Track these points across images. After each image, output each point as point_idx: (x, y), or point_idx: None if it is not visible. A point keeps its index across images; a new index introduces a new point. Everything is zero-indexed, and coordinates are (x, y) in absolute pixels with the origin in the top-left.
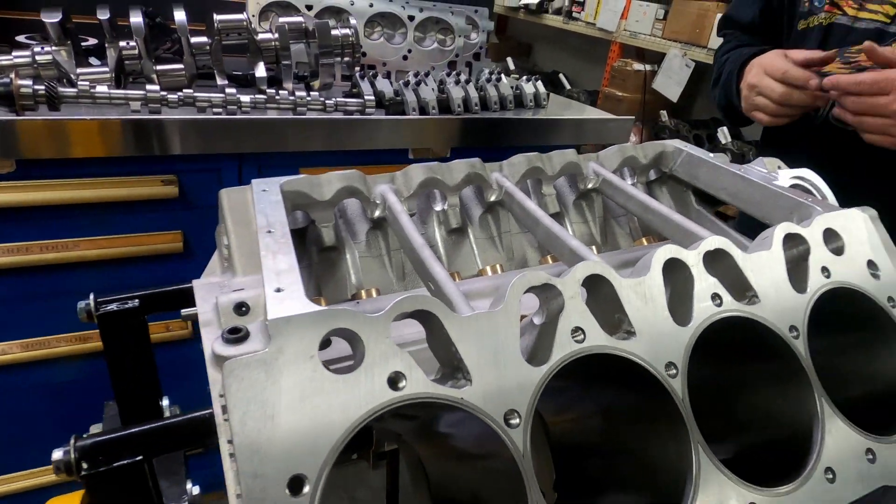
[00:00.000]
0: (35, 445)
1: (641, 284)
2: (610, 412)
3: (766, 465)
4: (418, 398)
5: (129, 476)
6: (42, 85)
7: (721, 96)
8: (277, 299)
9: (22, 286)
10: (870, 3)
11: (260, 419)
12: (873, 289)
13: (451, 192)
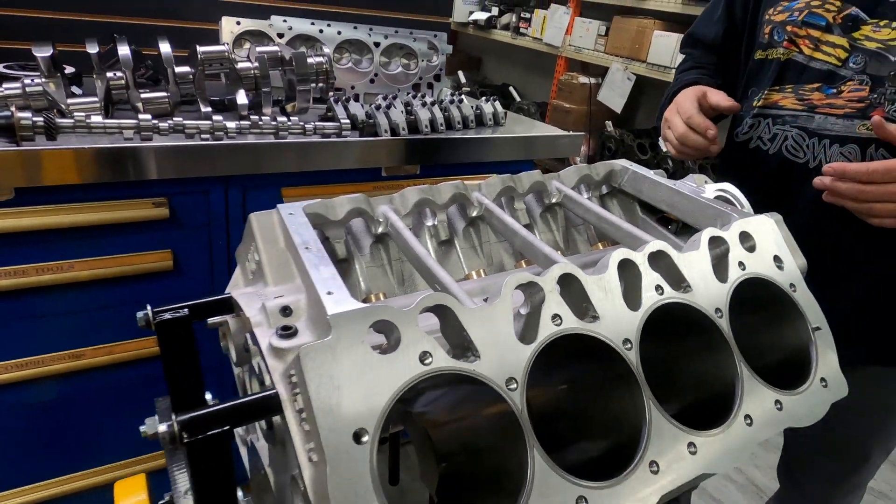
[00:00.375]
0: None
1: (602, 280)
2: (581, 380)
3: (701, 416)
4: (442, 371)
5: (217, 443)
6: (41, 117)
7: (658, 116)
8: (332, 300)
9: (19, 308)
10: (824, 46)
11: (329, 389)
12: (779, 277)
13: (440, 210)
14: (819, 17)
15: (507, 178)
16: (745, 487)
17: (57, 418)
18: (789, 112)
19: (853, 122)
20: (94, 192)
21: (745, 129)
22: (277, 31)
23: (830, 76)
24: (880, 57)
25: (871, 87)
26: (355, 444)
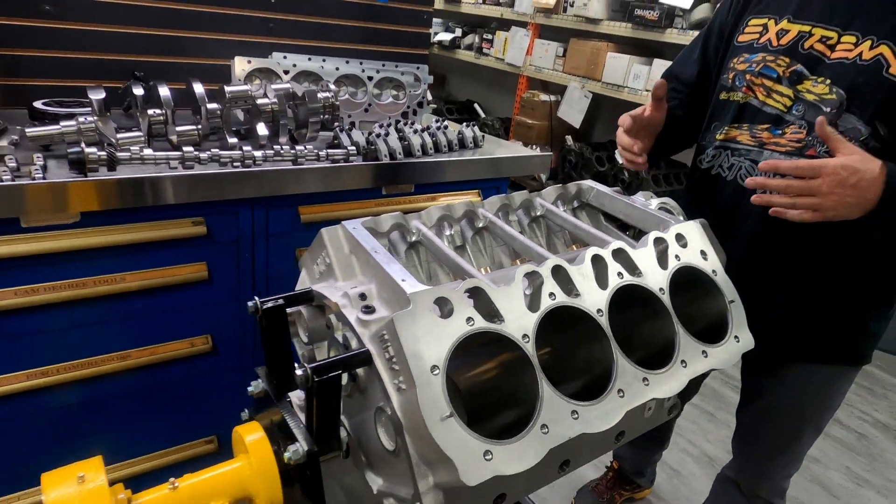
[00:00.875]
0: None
1: (581, 269)
2: (570, 336)
3: (651, 362)
4: (481, 329)
5: (334, 382)
6: (104, 151)
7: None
8: (407, 284)
9: (77, 316)
10: (774, 94)
11: (413, 340)
12: (704, 266)
13: (455, 222)
14: (772, 69)
15: (503, 196)
16: (699, 459)
17: (107, 412)
18: (744, 146)
19: (792, 159)
20: (144, 213)
21: (709, 157)
22: (283, 69)
23: (778, 120)
24: (816, 107)
25: (807, 131)
26: (432, 375)
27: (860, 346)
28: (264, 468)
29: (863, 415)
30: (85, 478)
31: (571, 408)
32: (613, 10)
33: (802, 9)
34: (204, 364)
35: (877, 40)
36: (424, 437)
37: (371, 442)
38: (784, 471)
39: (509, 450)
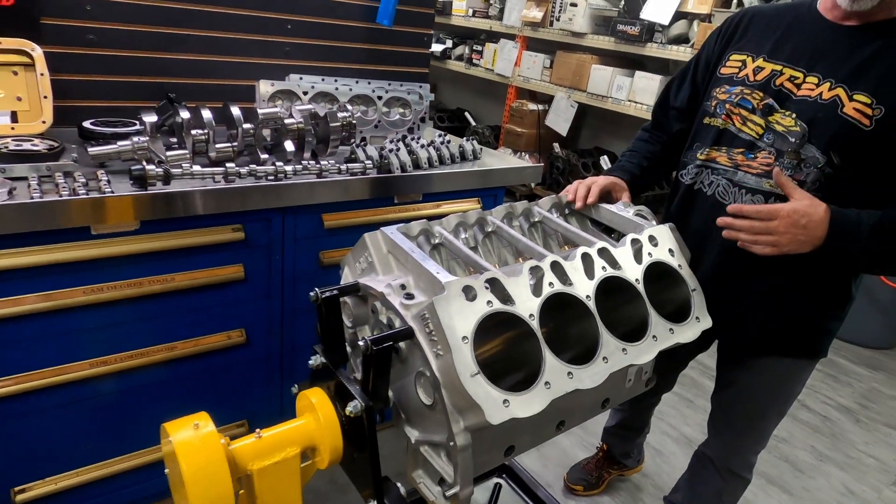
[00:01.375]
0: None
1: (573, 264)
2: (565, 316)
3: (629, 336)
4: (498, 310)
5: (386, 352)
6: (161, 168)
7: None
8: (441, 276)
9: (135, 312)
10: (749, 123)
11: (448, 316)
12: (671, 261)
13: (469, 228)
14: (748, 101)
15: (507, 206)
16: (679, 440)
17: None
18: (722, 167)
19: (761, 180)
20: (192, 221)
21: (692, 174)
22: (303, 90)
23: (751, 145)
24: (783, 137)
25: (775, 156)
26: (463, 343)
27: (818, 343)
28: (328, 422)
29: (827, 399)
30: (199, 425)
31: (567, 370)
32: (597, 25)
33: (775, 50)
34: (238, 355)
35: (834, 83)
36: (458, 389)
37: (410, 401)
38: (752, 448)
39: (521, 399)
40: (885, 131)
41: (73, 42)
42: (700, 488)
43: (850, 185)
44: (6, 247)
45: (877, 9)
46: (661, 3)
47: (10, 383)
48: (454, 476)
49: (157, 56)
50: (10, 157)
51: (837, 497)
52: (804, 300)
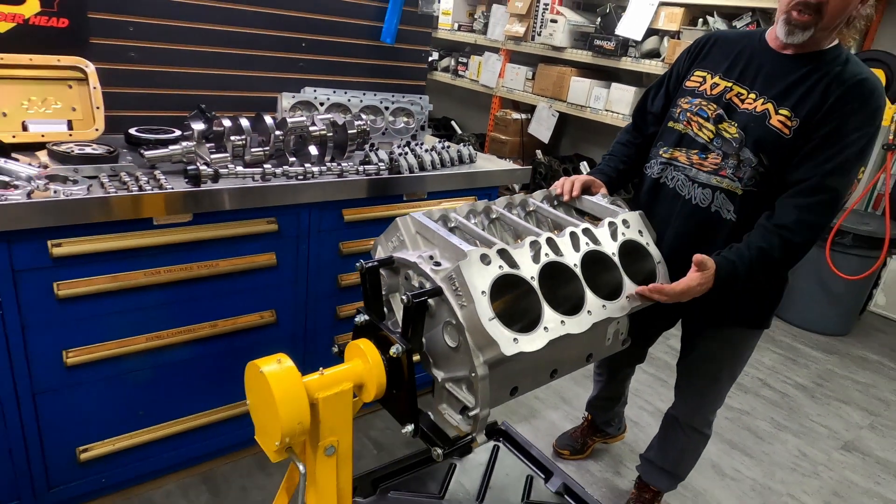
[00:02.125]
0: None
1: (563, 240)
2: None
3: (609, 296)
4: (507, 272)
5: (422, 304)
6: (212, 168)
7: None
8: (464, 246)
9: (184, 292)
10: (704, 129)
11: (470, 277)
12: (640, 240)
13: (477, 215)
14: (704, 111)
15: (508, 197)
16: (654, 413)
17: (203, 368)
18: (682, 164)
19: (710, 177)
20: (234, 214)
21: (657, 170)
22: (319, 101)
23: (704, 148)
24: (729, 142)
25: (722, 158)
26: (482, 296)
27: (762, 315)
28: (375, 362)
29: (787, 379)
30: (281, 360)
31: (560, 318)
32: (576, 40)
33: (729, 70)
34: (268, 333)
35: (767, 99)
36: (479, 330)
37: (438, 347)
38: (710, 406)
39: (527, 338)
40: (800, 138)
41: (117, 59)
42: (669, 444)
43: (777, 181)
44: (84, 234)
45: (808, 42)
46: (635, 21)
47: (79, 353)
48: (475, 401)
49: (189, 71)
50: (79, 159)
51: (792, 459)
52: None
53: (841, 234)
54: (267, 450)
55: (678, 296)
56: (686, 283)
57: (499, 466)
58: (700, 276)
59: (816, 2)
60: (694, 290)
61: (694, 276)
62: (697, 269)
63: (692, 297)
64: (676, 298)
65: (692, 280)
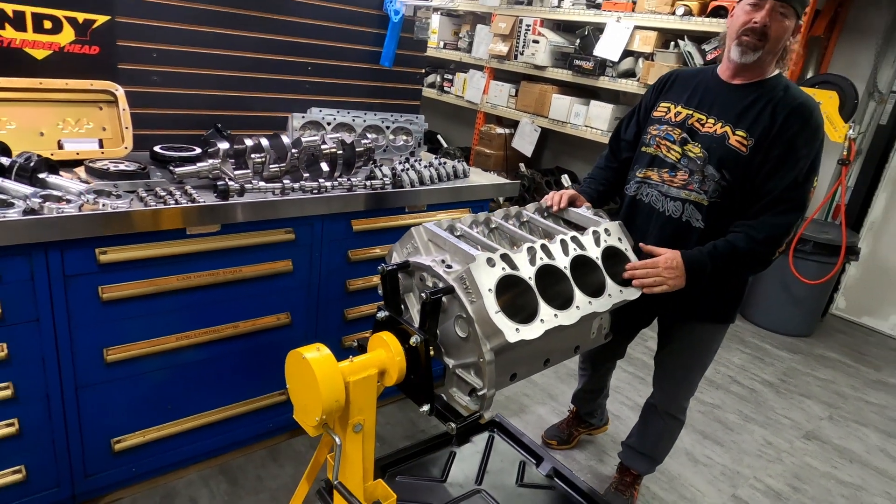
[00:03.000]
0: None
1: (555, 246)
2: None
3: (593, 293)
4: (509, 273)
5: (437, 301)
6: (238, 183)
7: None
8: (473, 251)
9: (210, 296)
10: (672, 151)
11: (479, 275)
12: (620, 246)
13: (479, 225)
14: (671, 135)
15: (504, 209)
16: (634, 408)
17: (224, 366)
18: (655, 182)
19: (680, 191)
20: (256, 225)
21: (634, 188)
22: (327, 121)
23: (673, 167)
24: (694, 161)
25: (689, 174)
26: (489, 292)
27: (726, 312)
28: (397, 351)
29: (754, 376)
30: (320, 349)
31: (553, 312)
32: (556, 59)
33: (689, 100)
34: (283, 334)
35: (724, 123)
36: (487, 321)
37: (449, 338)
38: (684, 394)
39: (527, 328)
40: (756, 155)
41: (141, 82)
42: (648, 430)
43: (736, 193)
44: (127, 243)
45: (755, 70)
46: (611, 42)
47: (118, 351)
48: (482, 383)
49: (206, 93)
50: (116, 175)
51: (758, 447)
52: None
53: (802, 241)
54: (306, 426)
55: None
56: (664, 256)
57: (494, 454)
58: (673, 252)
59: (762, 28)
60: (670, 261)
61: (666, 252)
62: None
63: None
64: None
65: (666, 254)
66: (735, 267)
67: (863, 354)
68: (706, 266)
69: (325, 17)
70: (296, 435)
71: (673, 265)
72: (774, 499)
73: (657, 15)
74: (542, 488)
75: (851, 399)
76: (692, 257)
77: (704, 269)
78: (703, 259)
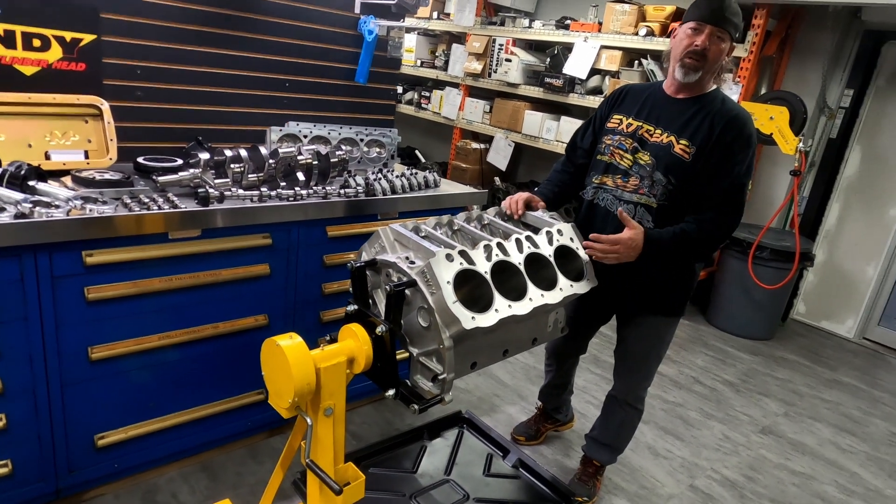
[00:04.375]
0: (191, 390)
1: (510, 244)
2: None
3: (546, 287)
4: (467, 267)
5: (401, 293)
6: (218, 191)
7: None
8: (433, 248)
9: (193, 298)
10: (624, 159)
11: (439, 270)
12: (571, 245)
13: (443, 227)
14: (623, 145)
15: (466, 213)
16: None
17: (204, 365)
18: (609, 187)
19: (632, 195)
20: (236, 230)
21: (591, 193)
22: (303, 134)
23: (625, 173)
24: (644, 167)
25: (640, 180)
26: (447, 285)
27: (677, 305)
28: (364, 340)
29: (716, 377)
30: (293, 337)
31: (508, 303)
32: (528, 77)
33: (639, 112)
34: (261, 335)
35: (669, 133)
36: (446, 310)
37: (412, 328)
38: (642, 384)
39: (482, 316)
40: (697, 162)
41: (126, 97)
42: (609, 421)
43: (682, 196)
44: (112, 246)
45: (695, 87)
46: (580, 62)
47: (102, 350)
48: (443, 368)
49: (187, 107)
50: (102, 183)
51: (717, 441)
52: (665, 278)
53: (761, 248)
54: (280, 408)
55: (612, 242)
56: (619, 235)
57: (463, 447)
58: (632, 232)
59: (702, 50)
60: (625, 241)
61: (627, 231)
62: (628, 227)
63: (623, 252)
64: (610, 246)
65: (625, 233)
66: (687, 251)
67: (819, 356)
68: (662, 244)
69: (303, 37)
70: (274, 434)
71: (633, 244)
72: (730, 488)
73: (622, 35)
74: (507, 478)
75: (807, 397)
76: (653, 235)
77: (662, 245)
78: (665, 237)
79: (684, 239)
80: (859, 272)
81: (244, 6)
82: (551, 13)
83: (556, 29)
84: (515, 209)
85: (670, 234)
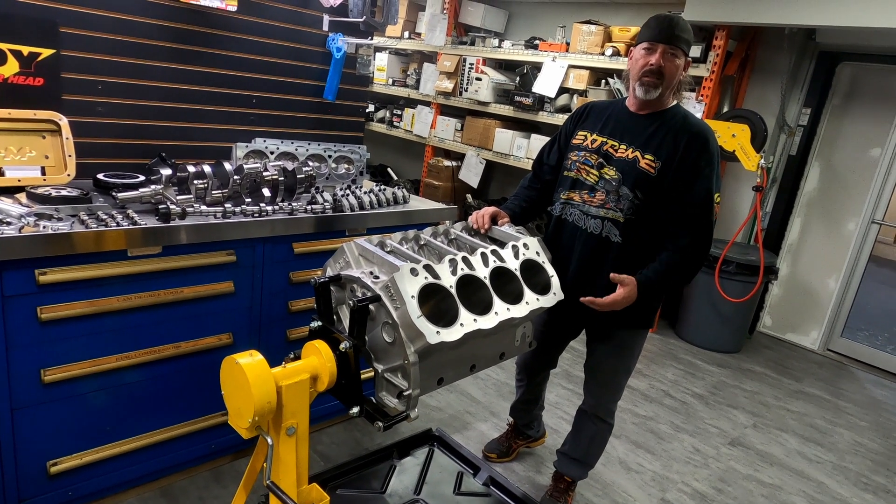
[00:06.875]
0: (154, 413)
1: (476, 259)
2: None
3: (512, 301)
4: (432, 282)
5: (364, 308)
6: (180, 207)
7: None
8: (397, 263)
9: (154, 317)
10: (590, 174)
11: (403, 284)
12: (537, 259)
13: (409, 241)
14: (589, 161)
15: (433, 228)
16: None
17: (165, 386)
18: (576, 203)
19: (599, 210)
20: (198, 247)
21: (559, 209)
22: (270, 150)
23: (592, 188)
24: (609, 182)
25: (606, 195)
26: (412, 299)
27: (645, 318)
28: (328, 357)
29: (686, 390)
30: (252, 354)
31: (473, 317)
32: (498, 96)
33: (603, 129)
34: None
35: (634, 148)
36: (410, 326)
37: (377, 344)
38: (612, 398)
39: (447, 331)
40: (663, 176)
41: (86, 113)
42: (580, 436)
43: (648, 210)
44: (66, 264)
45: (657, 103)
46: (548, 80)
47: (56, 372)
48: (408, 384)
49: (151, 123)
50: (58, 199)
51: (687, 454)
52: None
53: (727, 262)
54: (240, 428)
55: (608, 306)
56: (613, 297)
57: (433, 466)
58: (625, 290)
59: (657, 68)
60: (620, 302)
61: (620, 291)
62: (621, 286)
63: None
64: (608, 307)
65: (619, 294)
66: (679, 276)
67: (786, 367)
68: (655, 285)
69: (271, 54)
70: (239, 456)
71: (628, 301)
72: (700, 500)
73: (589, 55)
74: (478, 496)
75: (774, 408)
76: (644, 282)
77: (654, 287)
78: (655, 279)
79: (671, 271)
80: (821, 285)
81: (210, 22)
82: (520, 33)
83: (525, 49)
84: (482, 223)
85: (659, 274)
